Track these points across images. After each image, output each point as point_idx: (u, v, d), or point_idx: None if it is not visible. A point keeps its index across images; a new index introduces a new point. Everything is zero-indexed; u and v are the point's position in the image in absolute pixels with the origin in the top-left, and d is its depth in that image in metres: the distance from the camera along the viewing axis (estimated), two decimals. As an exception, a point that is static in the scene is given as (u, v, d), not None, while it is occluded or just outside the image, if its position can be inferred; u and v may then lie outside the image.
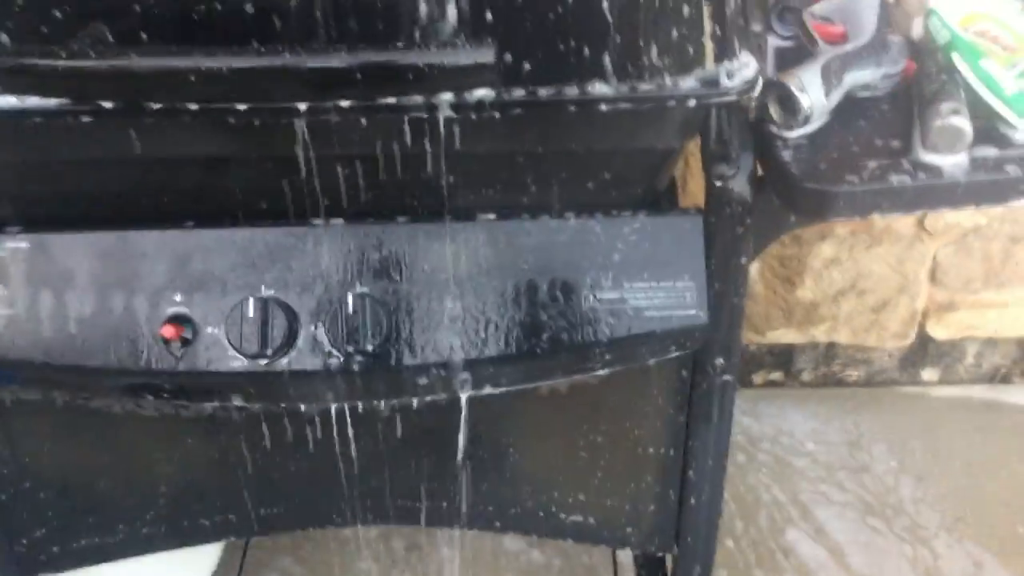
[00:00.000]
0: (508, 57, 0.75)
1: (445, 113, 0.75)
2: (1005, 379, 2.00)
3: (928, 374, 1.99)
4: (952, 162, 0.86)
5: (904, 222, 1.72)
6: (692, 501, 1.09)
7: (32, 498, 1.07)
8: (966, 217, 1.71)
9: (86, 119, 0.77)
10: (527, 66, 0.76)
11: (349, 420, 0.99)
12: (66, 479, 1.07)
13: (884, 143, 0.88)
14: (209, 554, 1.49)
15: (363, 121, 0.77)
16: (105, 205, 0.90)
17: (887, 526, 1.72)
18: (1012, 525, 1.71)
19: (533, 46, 0.76)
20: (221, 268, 0.90)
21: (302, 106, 0.73)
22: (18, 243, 0.90)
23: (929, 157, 0.86)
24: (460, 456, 1.02)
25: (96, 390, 0.96)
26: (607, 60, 0.77)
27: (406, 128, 0.79)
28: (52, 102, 0.76)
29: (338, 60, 0.69)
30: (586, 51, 0.77)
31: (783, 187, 0.86)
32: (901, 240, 1.74)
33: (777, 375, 1.99)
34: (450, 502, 1.08)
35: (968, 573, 1.63)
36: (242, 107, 0.73)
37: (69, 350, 0.91)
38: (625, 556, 1.59)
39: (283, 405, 0.93)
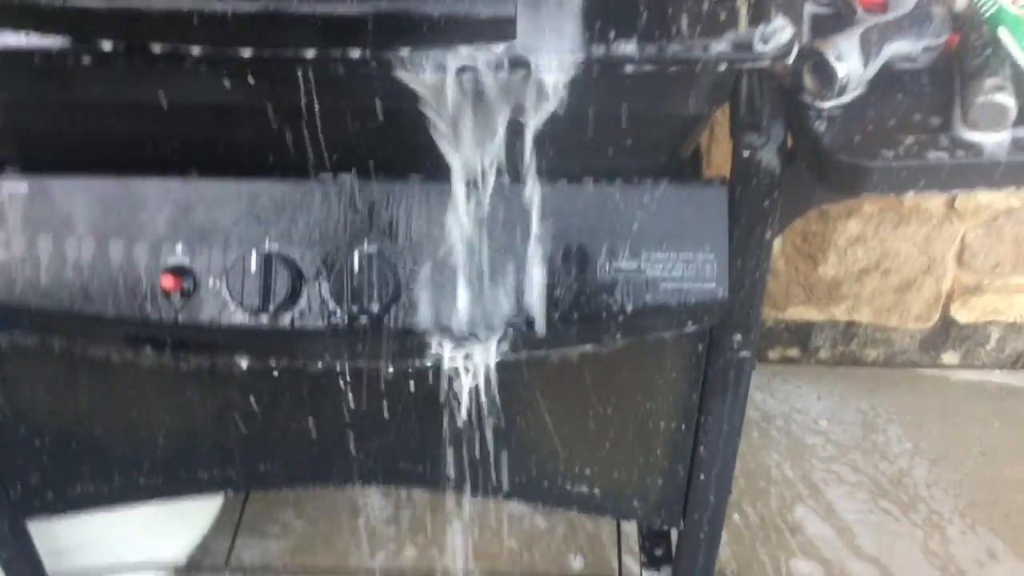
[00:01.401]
0: (530, 12, 0.71)
1: (459, 67, 0.72)
2: (1027, 365, 1.96)
3: (948, 357, 1.95)
4: (994, 140, 0.81)
5: (934, 201, 1.67)
6: (701, 477, 1.07)
7: (27, 443, 1.06)
8: (999, 199, 1.66)
9: (87, 60, 0.73)
10: (550, 23, 0.72)
11: (351, 379, 0.97)
12: (62, 425, 1.05)
13: (922, 118, 0.84)
14: (207, 506, 1.48)
15: (374, 73, 0.73)
16: (107, 150, 0.88)
17: (899, 508, 1.69)
18: (1027, 514, 1.68)
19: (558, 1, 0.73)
20: (224, 220, 0.87)
21: (310, 54, 0.69)
22: (17, 186, 0.88)
23: (970, 134, 0.82)
24: (464, 422, 1.00)
25: (93, 338, 0.94)
26: (635, 19, 0.73)
27: (420, 82, 0.75)
28: (53, 41, 0.73)
29: (349, 7, 0.65)
30: (613, 9, 0.73)
31: (814, 160, 0.82)
32: (930, 220, 1.69)
33: (793, 352, 1.95)
34: (453, 467, 1.06)
35: (980, 560, 1.61)
36: (248, 53, 0.69)
37: (67, 296, 0.88)
38: (629, 525, 1.57)
39: (284, 362, 0.90)
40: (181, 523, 1.42)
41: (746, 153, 0.83)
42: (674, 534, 1.29)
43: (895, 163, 0.80)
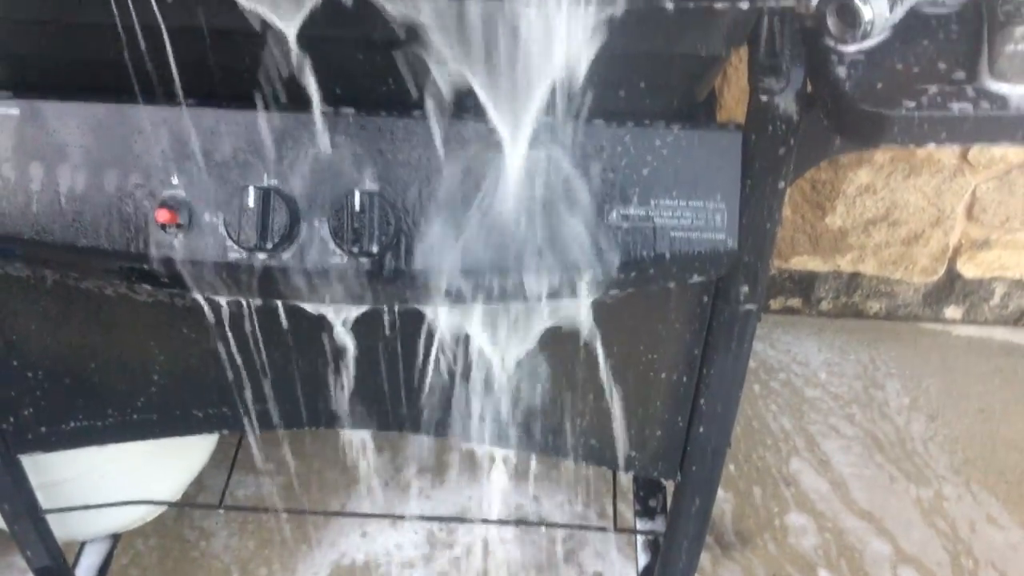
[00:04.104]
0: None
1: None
2: (1030, 323, 1.94)
3: (951, 312, 1.93)
4: (1021, 93, 0.78)
5: (947, 152, 1.64)
6: (701, 430, 1.05)
7: (20, 376, 1.04)
8: (1014, 152, 1.63)
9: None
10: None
11: (350, 320, 0.95)
12: (55, 359, 1.03)
13: (948, 67, 0.81)
14: (203, 442, 1.47)
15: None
16: (103, 74, 0.84)
17: (894, 463, 1.69)
18: (1022, 472, 1.68)
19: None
20: (223, 152, 0.84)
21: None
22: (9, 109, 0.85)
23: (996, 85, 0.79)
24: (462, 371, 0.98)
25: (86, 271, 0.92)
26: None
27: (429, 10, 0.72)
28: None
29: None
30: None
31: (834, 107, 0.79)
32: (942, 171, 1.66)
33: (795, 302, 1.93)
34: (451, 414, 1.04)
35: (973, 517, 1.61)
36: (247, -24, 0.66)
37: (59, 227, 0.86)
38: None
39: (280, 302, 0.88)
40: (176, 459, 1.41)
41: (763, 98, 0.80)
42: (669, 484, 1.29)
43: (917, 113, 0.77)
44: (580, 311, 0.94)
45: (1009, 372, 1.87)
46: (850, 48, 0.80)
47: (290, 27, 0.74)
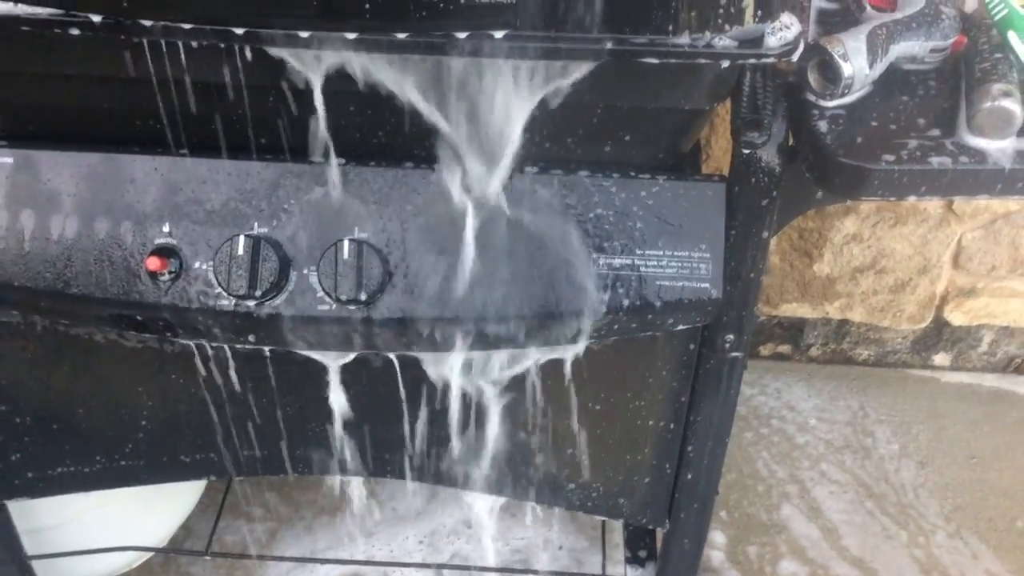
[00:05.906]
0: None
1: (458, 53, 0.70)
2: (1018, 370, 1.95)
3: (940, 359, 1.94)
4: (998, 148, 0.80)
5: (932, 202, 1.66)
6: (689, 476, 1.06)
7: (7, 422, 1.04)
8: (998, 202, 1.65)
9: (74, 32, 0.71)
10: (550, 9, 0.70)
11: (338, 368, 0.95)
12: (44, 405, 1.03)
13: (927, 122, 0.83)
14: (191, 488, 1.47)
15: (370, 56, 0.72)
16: (96, 124, 0.86)
17: (884, 510, 1.69)
18: (1012, 519, 1.68)
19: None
20: (214, 201, 0.85)
21: (304, 34, 0.67)
22: (2, 158, 0.86)
23: (974, 140, 0.80)
24: (453, 418, 0.98)
25: (76, 318, 0.92)
26: (638, 11, 0.71)
27: (416, 68, 0.73)
28: (43, 11, 0.71)
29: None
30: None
31: (815, 160, 0.80)
32: (927, 221, 1.68)
33: (785, 348, 1.94)
34: (439, 461, 1.04)
35: (964, 564, 1.60)
36: (240, 31, 0.67)
37: (50, 274, 0.87)
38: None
39: (268, 349, 0.89)
40: (163, 504, 1.41)
41: (746, 151, 0.81)
42: (659, 531, 1.29)
43: (896, 167, 0.79)
44: (566, 358, 0.95)
45: (998, 420, 1.87)
46: (831, 103, 0.82)
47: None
